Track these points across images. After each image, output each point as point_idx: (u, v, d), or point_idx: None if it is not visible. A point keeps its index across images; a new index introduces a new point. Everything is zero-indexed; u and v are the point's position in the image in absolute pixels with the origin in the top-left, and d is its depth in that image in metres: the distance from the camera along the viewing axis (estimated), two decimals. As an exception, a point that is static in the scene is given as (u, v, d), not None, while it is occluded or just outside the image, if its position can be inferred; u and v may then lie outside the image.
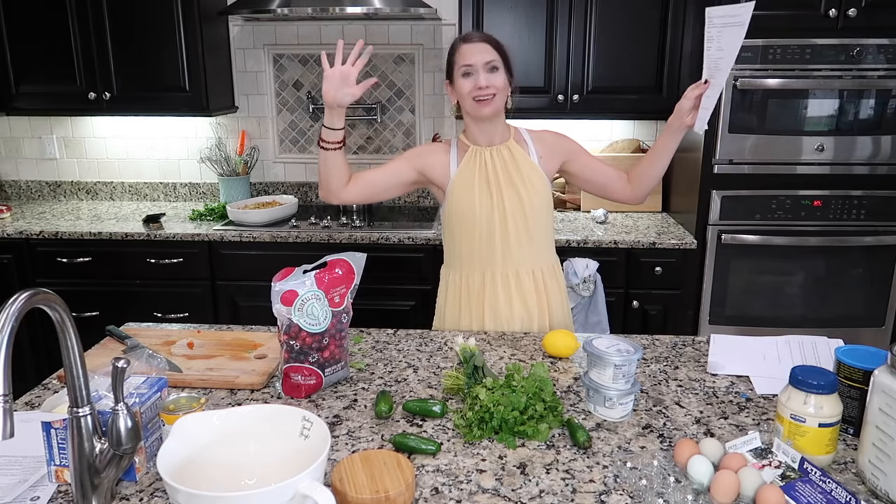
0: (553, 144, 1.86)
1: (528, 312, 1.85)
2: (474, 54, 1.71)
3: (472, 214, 1.79)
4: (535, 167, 1.81)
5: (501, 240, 1.80)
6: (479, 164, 1.81)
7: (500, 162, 1.80)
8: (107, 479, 1.03)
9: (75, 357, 0.98)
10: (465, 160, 1.82)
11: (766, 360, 1.56)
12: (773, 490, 1.00)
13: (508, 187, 1.78)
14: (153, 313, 2.94)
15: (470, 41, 1.74)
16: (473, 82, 1.71)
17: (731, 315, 2.82)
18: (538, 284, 1.86)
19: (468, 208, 1.79)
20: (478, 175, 1.80)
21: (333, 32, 3.27)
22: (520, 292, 1.84)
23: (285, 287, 1.36)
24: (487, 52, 1.71)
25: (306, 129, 3.42)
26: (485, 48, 1.71)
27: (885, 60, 2.54)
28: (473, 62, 1.71)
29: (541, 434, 1.22)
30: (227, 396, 1.41)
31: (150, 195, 3.54)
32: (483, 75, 1.70)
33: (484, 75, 1.70)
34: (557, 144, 1.86)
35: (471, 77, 1.72)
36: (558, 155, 1.85)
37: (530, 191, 1.78)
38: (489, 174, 1.80)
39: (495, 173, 1.79)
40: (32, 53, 3.03)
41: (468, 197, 1.79)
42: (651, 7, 2.82)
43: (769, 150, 2.65)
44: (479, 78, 1.70)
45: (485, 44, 1.72)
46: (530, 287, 1.85)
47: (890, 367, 1.05)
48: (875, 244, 2.73)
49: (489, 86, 1.70)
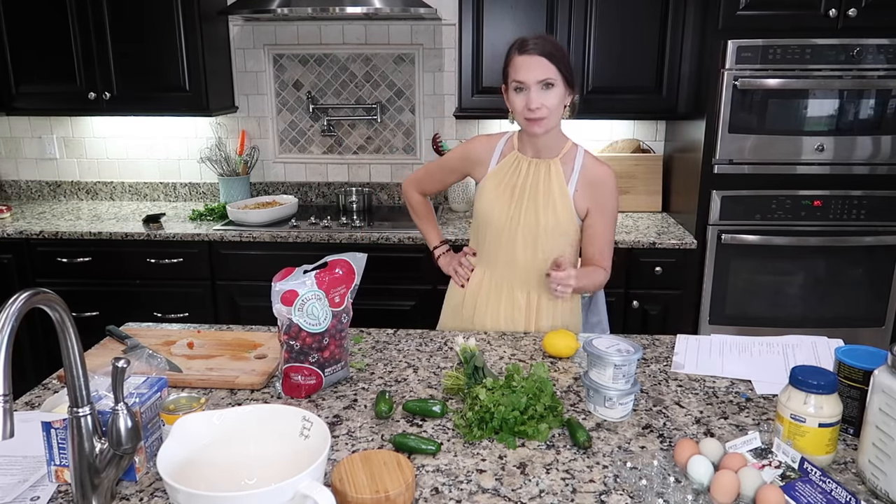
0: (592, 186, 1.73)
1: (513, 326, 1.84)
2: (529, 70, 1.60)
3: (488, 215, 1.80)
4: (565, 194, 1.72)
5: (507, 249, 1.79)
6: (513, 170, 1.77)
7: (533, 175, 1.75)
8: (107, 479, 1.03)
9: (75, 357, 0.98)
10: (504, 161, 1.80)
11: (729, 359, 1.57)
12: (773, 490, 1.00)
13: (530, 202, 1.74)
14: (153, 313, 2.94)
15: (525, 52, 1.61)
16: (525, 100, 1.62)
17: (731, 315, 2.82)
18: (530, 305, 1.82)
19: (487, 208, 1.79)
20: (507, 180, 1.77)
21: (333, 32, 3.27)
22: (510, 306, 1.83)
23: (285, 287, 1.36)
24: (542, 69, 1.59)
25: (306, 129, 3.42)
26: (540, 63, 1.59)
27: (885, 60, 2.54)
28: (526, 80, 1.60)
29: (541, 434, 1.22)
30: (227, 396, 1.41)
31: (150, 195, 3.54)
32: (535, 95, 1.60)
33: (536, 95, 1.60)
34: (599, 189, 1.73)
35: (523, 93, 1.63)
36: (590, 199, 1.74)
37: (548, 213, 1.72)
38: (517, 183, 1.76)
39: (524, 185, 1.75)
40: (32, 53, 3.03)
41: (490, 197, 1.79)
42: (651, 7, 2.82)
43: (769, 150, 2.65)
44: (530, 97, 1.61)
45: (540, 58, 1.59)
46: (521, 304, 1.82)
47: (890, 367, 1.05)
48: (875, 244, 2.73)
49: (541, 106, 1.61)
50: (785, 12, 2.55)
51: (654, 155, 3.27)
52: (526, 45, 1.62)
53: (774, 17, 2.56)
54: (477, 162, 1.85)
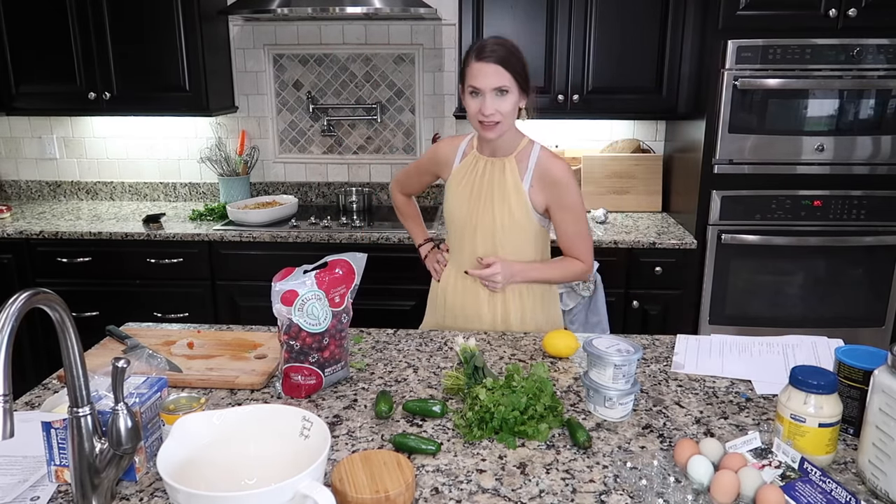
0: (550, 183, 1.75)
1: (479, 321, 1.87)
2: (484, 77, 1.63)
3: (450, 214, 1.87)
4: (520, 191, 1.76)
5: (469, 246, 1.84)
6: (472, 170, 1.83)
7: (489, 174, 1.79)
8: (107, 479, 1.03)
9: (75, 357, 0.98)
10: (464, 161, 1.86)
11: (729, 359, 1.57)
12: (773, 490, 1.00)
13: (487, 200, 1.79)
14: (153, 313, 2.94)
15: (482, 59, 1.63)
16: (479, 105, 1.65)
17: (731, 315, 2.82)
18: (494, 300, 1.85)
19: (449, 207, 1.87)
20: (466, 179, 1.83)
21: (333, 32, 3.27)
22: (475, 301, 1.87)
23: (285, 287, 1.36)
24: (497, 76, 1.62)
25: (306, 129, 3.42)
26: (495, 71, 1.62)
27: (885, 60, 2.54)
28: (481, 86, 1.64)
29: (541, 434, 1.22)
30: (227, 396, 1.41)
31: (150, 195, 3.54)
32: (489, 101, 1.64)
33: (490, 101, 1.64)
34: (553, 186, 1.75)
35: (478, 98, 1.66)
36: (547, 195, 1.76)
37: (504, 210, 1.76)
38: (475, 182, 1.81)
39: (481, 183, 1.80)
40: (32, 53, 3.03)
41: (451, 196, 1.86)
42: (651, 7, 2.82)
43: (769, 150, 2.65)
44: (485, 103, 1.64)
45: (496, 66, 1.62)
46: (485, 299, 1.86)
47: (890, 367, 1.05)
48: (875, 244, 2.73)
49: (494, 112, 1.64)
50: (785, 12, 2.55)
51: (654, 155, 3.27)
52: (483, 51, 1.64)
53: (774, 17, 2.56)
54: (443, 163, 1.91)
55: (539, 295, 1.89)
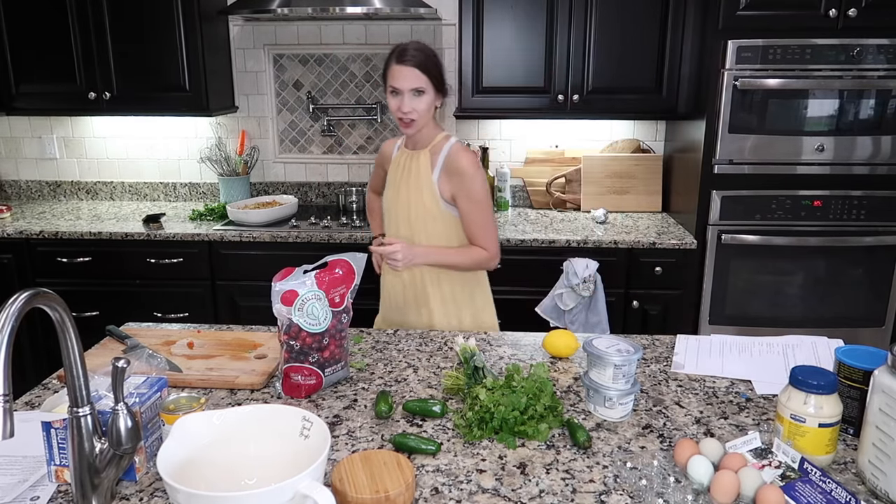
0: (455, 173, 1.86)
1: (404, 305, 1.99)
2: (403, 78, 1.78)
3: (383, 204, 2.03)
4: (430, 182, 1.88)
5: (394, 233, 1.98)
6: (398, 164, 1.98)
7: (407, 166, 1.93)
8: (107, 479, 1.03)
9: (75, 357, 0.98)
10: (395, 156, 2.02)
11: (729, 359, 1.57)
12: (773, 490, 1.00)
13: (404, 190, 1.92)
14: (153, 313, 2.94)
15: (402, 62, 1.79)
16: (398, 104, 1.81)
17: (731, 315, 2.82)
18: (415, 283, 1.96)
19: (383, 197, 2.04)
20: (393, 171, 1.99)
21: (333, 32, 3.27)
22: (400, 284, 1.99)
23: (285, 287, 1.36)
24: (414, 78, 1.78)
25: (306, 129, 3.42)
26: (412, 73, 1.78)
27: (885, 60, 2.54)
28: (400, 87, 1.79)
29: (541, 434, 1.22)
30: (227, 396, 1.41)
31: (150, 195, 3.54)
32: (407, 100, 1.80)
33: (408, 100, 1.80)
34: (458, 176, 1.85)
35: (397, 97, 1.81)
36: (453, 185, 1.87)
37: (416, 200, 1.89)
38: (398, 173, 1.96)
39: (402, 175, 1.94)
40: (32, 53, 3.03)
41: (385, 188, 2.03)
42: (651, 7, 2.82)
43: (769, 150, 2.65)
44: (403, 102, 1.80)
45: (414, 69, 1.78)
46: (406, 282, 1.97)
47: (890, 367, 1.05)
48: (875, 244, 2.73)
49: (411, 111, 1.80)
50: (785, 12, 2.55)
51: (654, 155, 3.27)
52: (403, 55, 1.80)
53: (774, 17, 2.56)
54: (386, 159, 2.09)
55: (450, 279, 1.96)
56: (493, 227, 1.91)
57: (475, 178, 1.85)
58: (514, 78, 2.92)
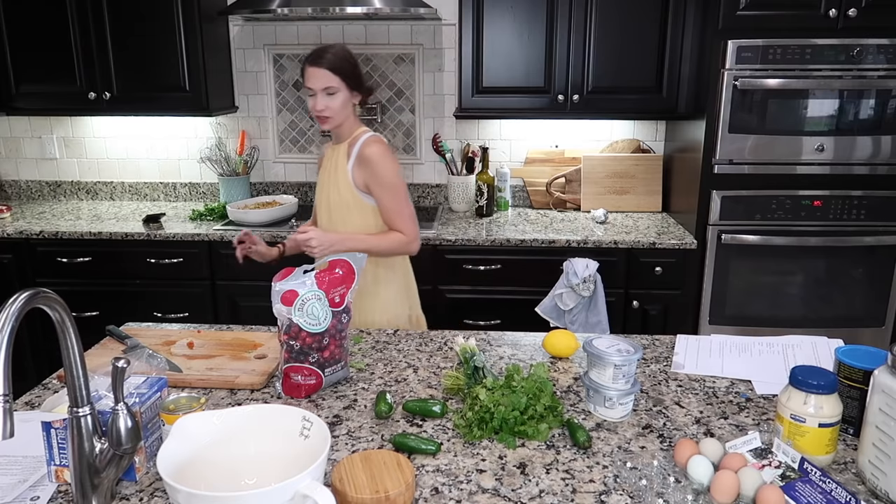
0: (365, 162, 1.93)
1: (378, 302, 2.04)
2: (316, 80, 1.88)
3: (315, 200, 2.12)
4: (345, 173, 1.97)
5: (321, 222, 2.08)
6: (325, 160, 2.08)
7: (330, 160, 2.04)
8: (107, 479, 1.03)
9: (75, 357, 0.98)
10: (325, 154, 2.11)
11: (729, 359, 1.57)
12: (773, 490, 1.00)
13: (325, 181, 2.04)
14: (153, 313, 2.94)
15: (314, 64, 1.88)
16: (313, 103, 1.92)
17: (731, 315, 2.82)
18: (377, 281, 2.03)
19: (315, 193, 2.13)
20: (321, 169, 2.10)
21: (333, 32, 3.27)
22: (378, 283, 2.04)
23: (286, 287, 1.36)
24: (326, 79, 1.87)
25: (306, 129, 3.42)
26: (324, 75, 1.87)
27: (885, 60, 2.54)
28: (313, 87, 1.89)
29: (541, 434, 1.22)
30: (227, 396, 1.41)
31: (150, 195, 3.54)
32: (320, 99, 1.90)
33: (321, 100, 1.90)
34: (368, 165, 1.93)
35: (311, 98, 1.92)
36: (364, 174, 1.94)
37: (334, 190, 2.00)
38: (323, 167, 2.08)
39: (325, 168, 2.06)
40: (32, 53, 3.03)
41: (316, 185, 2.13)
42: (651, 7, 2.82)
43: (769, 150, 2.65)
44: (317, 101, 1.91)
45: (325, 70, 1.87)
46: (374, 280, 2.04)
47: (890, 367, 1.05)
48: (875, 244, 2.73)
49: (324, 109, 1.91)
50: (785, 12, 2.55)
51: (654, 155, 3.27)
52: (314, 57, 1.89)
53: (774, 17, 2.56)
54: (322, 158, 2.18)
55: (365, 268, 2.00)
56: (407, 210, 1.96)
57: (383, 164, 1.92)
58: (514, 78, 2.92)
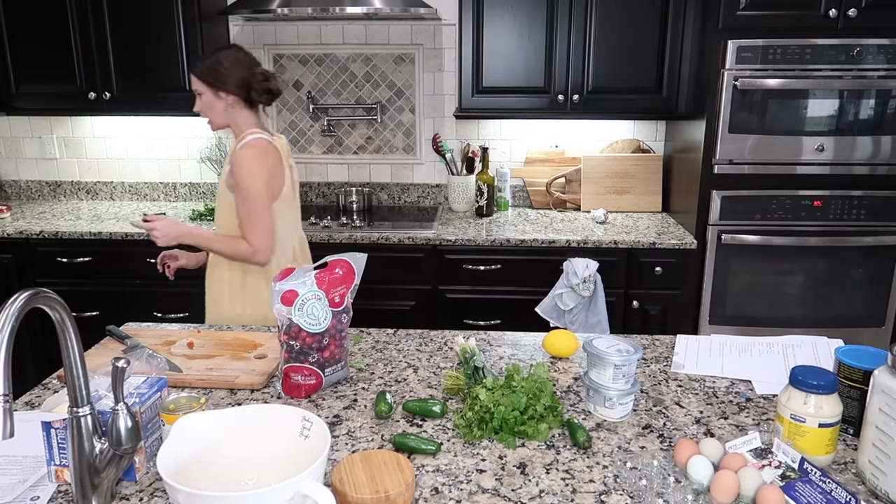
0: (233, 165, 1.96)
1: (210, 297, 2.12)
2: (193, 84, 2.03)
3: None
4: (224, 175, 2.03)
5: None
6: None
7: None
8: (107, 479, 1.03)
9: (75, 357, 0.98)
10: None
11: (729, 359, 1.57)
12: (773, 490, 1.00)
13: None
14: (153, 313, 2.94)
15: (191, 70, 2.07)
16: None
17: (731, 315, 2.82)
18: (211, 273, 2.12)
19: None
20: None
21: (333, 32, 3.27)
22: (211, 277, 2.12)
23: (285, 287, 1.36)
24: (195, 83, 2.02)
25: (306, 129, 3.42)
26: (194, 80, 2.01)
27: (885, 60, 2.54)
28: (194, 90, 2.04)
29: (541, 434, 1.22)
30: (227, 396, 1.41)
31: (150, 195, 3.54)
32: (197, 102, 2.05)
33: (197, 102, 2.05)
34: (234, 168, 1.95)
35: None
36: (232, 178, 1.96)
37: (217, 191, 2.08)
38: None
39: None
40: (32, 53, 3.03)
41: None
42: (651, 7, 2.82)
43: (769, 150, 2.65)
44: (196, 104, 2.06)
45: (194, 77, 2.01)
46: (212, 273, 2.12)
47: (890, 368, 1.05)
48: (875, 244, 2.73)
49: (199, 110, 2.05)
50: (785, 12, 2.55)
51: (654, 155, 3.27)
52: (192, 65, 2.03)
53: (774, 17, 2.56)
54: None
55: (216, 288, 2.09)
56: (257, 221, 1.93)
57: (244, 168, 1.93)
58: (514, 78, 2.92)
